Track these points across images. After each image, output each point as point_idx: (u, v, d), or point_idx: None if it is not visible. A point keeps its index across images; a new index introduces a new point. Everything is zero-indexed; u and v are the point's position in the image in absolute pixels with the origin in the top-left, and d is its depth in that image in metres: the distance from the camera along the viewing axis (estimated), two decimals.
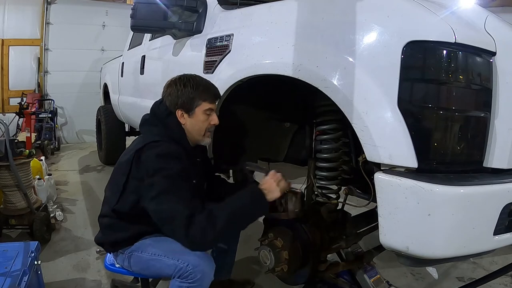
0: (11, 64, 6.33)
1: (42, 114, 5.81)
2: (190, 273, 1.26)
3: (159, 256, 1.33)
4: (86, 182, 4.07)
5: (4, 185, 2.41)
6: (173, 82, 1.44)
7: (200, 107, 1.41)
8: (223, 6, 1.84)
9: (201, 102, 1.40)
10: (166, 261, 1.31)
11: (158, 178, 1.25)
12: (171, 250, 1.30)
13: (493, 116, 1.05)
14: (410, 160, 0.98)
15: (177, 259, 1.28)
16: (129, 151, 1.39)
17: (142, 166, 1.30)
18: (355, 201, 1.46)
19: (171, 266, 1.29)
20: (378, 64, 1.03)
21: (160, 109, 1.44)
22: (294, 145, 1.76)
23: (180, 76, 1.46)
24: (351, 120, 1.06)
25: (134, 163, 1.32)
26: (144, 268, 1.39)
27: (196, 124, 1.42)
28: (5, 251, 1.64)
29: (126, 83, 3.60)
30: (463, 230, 0.97)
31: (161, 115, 1.43)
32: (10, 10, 6.25)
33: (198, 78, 1.45)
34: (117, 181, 1.38)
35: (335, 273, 1.62)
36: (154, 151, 1.30)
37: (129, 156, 1.35)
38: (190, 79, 1.43)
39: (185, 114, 1.41)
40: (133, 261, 1.39)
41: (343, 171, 1.47)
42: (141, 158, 1.31)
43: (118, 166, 1.42)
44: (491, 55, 1.04)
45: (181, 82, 1.42)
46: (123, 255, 1.42)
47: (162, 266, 1.32)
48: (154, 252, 1.34)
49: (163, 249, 1.33)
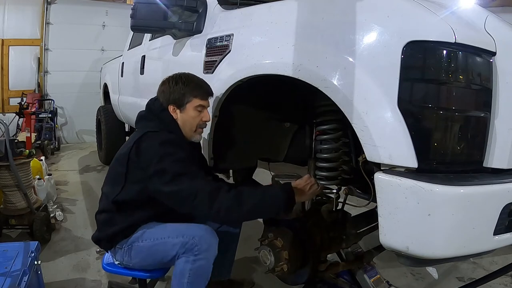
0: (11, 64, 6.33)
1: (42, 114, 5.81)
2: (196, 244, 1.28)
3: (163, 239, 1.34)
4: (86, 182, 4.07)
5: (4, 185, 2.41)
6: (166, 80, 1.51)
7: (191, 103, 1.46)
8: (223, 6, 1.84)
9: (192, 98, 1.45)
10: (170, 241, 1.32)
11: (167, 163, 1.28)
12: (174, 229, 1.35)
13: (493, 116, 1.05)
14: (410, 160, 0.98)
15: (182, 235, 1.31)
16: (126, 145, 1.43)
17: (144, 155, 1.32)
18: (355, 201, 1.47)
19: (176, 245, 1.31)
20: (378, 64, 1.03)
21: (155, 105, 1.49)
22: (294, 145, 1.76)
23: (174, 74, 1.52)
24: (351, 120, 1.06)
25: (134, 153, 1.34)
26: (146, 257, 1.39)
27: (187, 120, 1.47)
28: (5, 251, 1.64)
29: (126, 83, 3.60)
30: (463, 230, 0.97)
31: (156, 111, 1.48)
32: (10, 10, 6.25)
33: (191, 76, 1.51)
34: (115, 174, 1.41)
35: (335, 273, 1.62)
36: (155, 139, 1.34)
37: (126, 149, 1.37)
38: (182, 76, 1.49)
39: (177, 110, 1.47)
40: (133, 252, 1.39)
41: (343, 171, 1.47)
42: (141, 148, 1.33)
43: (115, 161, 1.45)
44: (491, 55, 1.04)
45: (173, 79, 1.48)
46: (121, 250, 1.42)
47: (166, 248, 1.33)
48: (156, 237, 1.36)
49: (166, 231, 1.36)
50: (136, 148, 1.34)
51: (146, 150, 1.33)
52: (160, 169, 1.28)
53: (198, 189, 1.25)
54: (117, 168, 1.40)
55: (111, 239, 1.43)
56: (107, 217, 1.43)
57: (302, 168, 1.77)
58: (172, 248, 1.32)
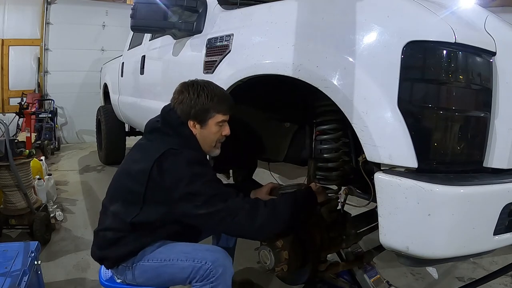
0: (11, 64, 6.33)
1: (42, 114, 5.81)
2: (210, 270, 1.22)
3: (171, 261, 1.27)
4: (86, 182, 4.08)
5: (4, 185, 2.41)
6: (185, 89, 1.35)
7: (214, 119, 1.34)
8: (223, 6, 1.84)
9: (215, 114, 1.34)
10: (179, 264, 1.26)
11: (199, 185, 1.20)
12: (182, 252, 1.28)
13: (493, 116, 1.05)
14: (410, 160, 0.98)
15: (192, 260, 1.25)
16: (139, 160, 1.30)
17: (168, 176, 1.22)
18: (355, 201, 1.46)
19: (186, 269, 1.25)
20: (378, 64, 1.03)
21: (171, 117, 1.35)
22: (294, 145, 1.76)
23: (193, 83, 1.37)
24: (351, 120, 1.06)
25: (156, 173, 1.23)
26: (152, 278, 1.31)
27: (208, 136, 1.36)
28: (5, 251, 1.64)
29: (126, 83, 3.60)
30: (463, 230, 0.97)
31: (173, 124, 1.34)
32: (10, 10, 6.25)
33: (212, 87, 1.36)
34: (128, 192, 1.29)
35: (335, 273, 1.62)
36: (180, 158, 1.24)
37: (145, 165, 1.25)
38: (204, 88, 1.34)
39: (197, 125, 1.35)
40: (138, 272, 1.31)
41: (343, 171, 1.47)
42: (164, 167, 1.23)
43: (126, 176, 1.33)
44: (491, 55, 1.04)
45: (194, 90, 1.33)
46: (125, 268, 1.33)
47: (175, 271, 1.27)
48: (164, 258, 1.29)
49: (174, 252, 1.29)
50: (158, 167, 1.23)
51: (171, 170, 1.22)
52: (192, 191, 1.20)
53: (236, 209, 1.21)
54: (131, 186, 1.28)
55: (119, 259, 1.32)
56: (116, 236, 1.31)
57: (302, 168, 1.77)
58: (181, 271, 1.26)
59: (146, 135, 1.42)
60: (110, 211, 1.34)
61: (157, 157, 1.23)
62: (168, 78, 2.29)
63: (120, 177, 1.37)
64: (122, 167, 1.41)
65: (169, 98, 1.43)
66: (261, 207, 1.23)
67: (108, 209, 1.36)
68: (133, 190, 1.28)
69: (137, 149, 1.41)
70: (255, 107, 1.67)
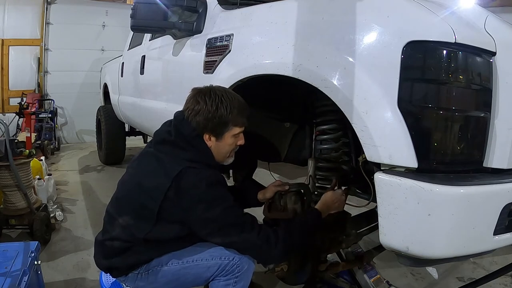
0: (11, 64, 6.32)
1: (42, 114, 5.80)
2: (237, 265, 1.26)
3: (195, 261, 1.27)
4: (86, 182, 4.07)
5: (4, 185, 2.41)
6: (201, 99, 1.26)
7: (231, 132, 1.29)
8: (223, 6, 1.84)
9: (233, 127, 1.29)
10: (205, 263, 1.27)
11: (218, 212, 1.18)
12: (206, 251, 1.29)
13: (493, 116, 1.05)
14: (410, 160, 0.98)
15: (219, 257, 1.26)
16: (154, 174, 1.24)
17: (186, 196, 1.18)
18: (355, 201, 1.47)
19: (212, 267, 1.26)
20: (378, 64, 1.03)
21: (185, 129, 1.27)
22: (294, 145, 1.76)
23: (210, 91, 1.27)
24: (351, 120, 1.06)
25: (174, 193, 1.18)
26: (171, 281, 1.28)
27: (223, 148, 1.31)
28: (5, 251, 1.64)
29: (126, 83, 3.60)
30: (463, 230, 0.98)
31: (188, 137, 1.26)
32: (10, 10, 6.24)
33: (231, 96, 1.28)
34: (140, 207, 1.24)
35: (335, 273, 1.62)
36: (199, 179, 1.19)
37: (160, 182, 1.20)
38: (223, 99, 1.25)
39: (213, 138, 1.28)
40: (154, 277, 1.28)
41: (343, 171, 1.47)
42: (182, 187, 1.18)
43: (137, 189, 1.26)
44: (491, 55, 1.04)
45: (212, 101, 1.24)
46: (136, 275, 1.29)
47: (200, 271, 1.27)
48: (186, 259, 1.28)
49: (197, 252, 1.29)
50: (176, 187, 1.18)
51: (189, 191, 1.18)
52: (210, 217, 1.18)
53: (250, 244, 1.21)
54: (144, 201, 1.22)
55: (131, 267, 1.28)
56: (126, 246, 1.26)
57: (302, 168, 1.77)
58: (207, 271, 1.26)
59: (156, 146, 1.33)
60: (119, 223, 1.28)
61: (174, 176, 1.18)
62: (168, 78, 2.29)
63: (130, 188, 1.30)
64: (132, 176, 1.34)
65: (169, 98, 1.42)
66: (272, 247, 1.21)
67: (115, 220, 1.29)
68: (146, 205, 1.22)
69: (148, 159, 1.32)
70: (255, 107, 1.66)
